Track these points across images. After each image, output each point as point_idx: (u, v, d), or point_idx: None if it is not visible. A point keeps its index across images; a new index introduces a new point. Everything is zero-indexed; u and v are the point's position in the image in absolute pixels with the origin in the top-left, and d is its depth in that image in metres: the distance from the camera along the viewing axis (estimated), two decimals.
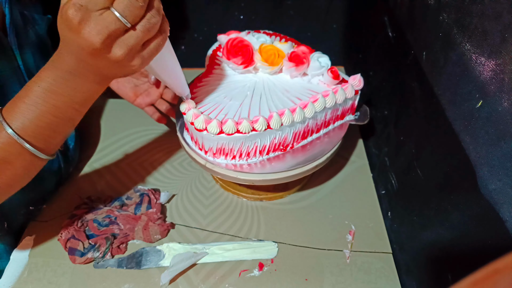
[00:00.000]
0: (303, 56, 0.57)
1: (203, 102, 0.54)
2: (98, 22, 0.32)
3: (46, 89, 0.37)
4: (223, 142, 0.49)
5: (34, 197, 0.59)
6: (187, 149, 0.55)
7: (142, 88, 0.67)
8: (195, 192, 0.64)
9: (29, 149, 0.39)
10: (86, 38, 0.32)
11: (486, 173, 0.34)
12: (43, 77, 0.37)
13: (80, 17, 0.32)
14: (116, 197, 0.61)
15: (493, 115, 0.33)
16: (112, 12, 0.32)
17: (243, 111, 0.53)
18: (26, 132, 0.38)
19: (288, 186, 0.62)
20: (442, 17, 0.42)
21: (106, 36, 0.33)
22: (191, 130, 0.52)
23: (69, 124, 0.41)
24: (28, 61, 0.53)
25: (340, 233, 0.58)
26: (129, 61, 0.36)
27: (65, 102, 0.39)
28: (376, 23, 0.66)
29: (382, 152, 0.63)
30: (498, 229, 0.32)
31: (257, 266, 0.54)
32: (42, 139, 0.40)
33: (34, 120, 0.38)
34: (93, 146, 0.72)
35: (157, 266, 0.54)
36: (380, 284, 0.52)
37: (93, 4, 0.31)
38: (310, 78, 0.58)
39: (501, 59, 0.32)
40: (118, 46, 0.34)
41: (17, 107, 0.38)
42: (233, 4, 0.82)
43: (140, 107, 0.68)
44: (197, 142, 0.53)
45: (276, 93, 0.56)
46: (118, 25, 0.33)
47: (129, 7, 0.32)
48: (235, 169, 0.52)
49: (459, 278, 0.18)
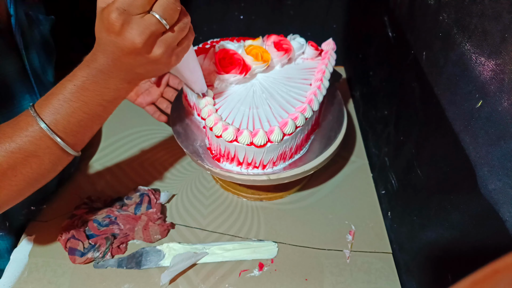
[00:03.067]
0: (283, 43, 0.58)
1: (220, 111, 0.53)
2: (140, 24, 0.35)
3: (79, 87, 0.39)
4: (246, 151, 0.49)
5: (36, 197, 0.59)
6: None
7: (143, 87, 0.68)
8: (195, 192, 0.64)
9: (59, 144, 0.41)
10: (128, 39, 0.35)
11: (486, 173, 0.34)
12: (78, 75, 0.39)
13: (123, 20, 0.34)
14: (116, 197, 0.61)
15: (493, 115, 0.33)
16: (152, 15, 0.35)
17: (260, 114, 0.52)
18: (57, 127, 0.40)
19: (288, 186, 0.62)
20: (442, 17, 0.43)
21: (148, 36, 0.35)
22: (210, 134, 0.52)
23: (97, 121, 0.43)
24: (33, 61, 0.53)
25: (340, 233, 0.58)
26: (167, 59, 0.39)
27: (96, 100, 0.41)
28: (376, 23, 0.66)
29: (382, 152, 0.63)
30: (498, 229, 0.32)
31: (257, 266, 0.54)
32: (72, 135, 0.41)
33: (66, 116, 0.40)
34: (94, 146, 0.72)
35: (157, 266, 0.54)
36: (380, 284, 0.52)
37: (135, 7, 0.34)
38: (295, 59, 0.61)
39: (501, 59, 0.32)
40: (158, 45, 0.37)
41: (50, 103, 0.39)
42: (233, 4, 0.82)
43: (141, 106, 0.68)
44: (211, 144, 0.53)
45: (282, 85, 0.56)
46: (159, 27, 0.36)
47: (168, 10, 0.35)
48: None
49: (459, 278, 0.18)
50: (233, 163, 0.52)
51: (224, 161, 0.52)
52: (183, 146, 0.56)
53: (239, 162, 0.51)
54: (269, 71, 0.59)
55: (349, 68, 0.87)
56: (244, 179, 0.52)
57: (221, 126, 0.47)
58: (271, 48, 0.58)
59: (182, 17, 0.38)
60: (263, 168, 0.52)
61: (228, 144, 0.48)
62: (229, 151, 0.50)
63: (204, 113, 0.50)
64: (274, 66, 0.60)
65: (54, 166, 0.43)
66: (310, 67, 0.60)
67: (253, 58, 0.56)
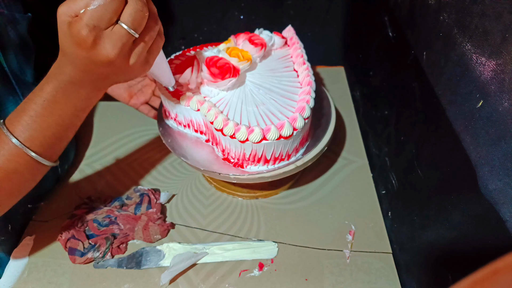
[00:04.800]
0: (255, 38, 0.59)
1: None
2: (111, 37, 0.34)
3: (50, 101, 0.39)
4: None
5: (32, 195, 0.59)
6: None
7: (136, 88, 0.68)
8: (195, 192, 0.64)
9: (37, 159, 0.41)
10: (102, 53, 0.35)
11: (486, 173, 0.34)
12: (46, 89, 0.39)
13: (94, 36, 0.34)
14: (116, 197, 0.61)
15: (493, 115, 0.33)
16: (121, 26, 0.34)
17: (270, 109, 0.53)
18: (34, 143, 0.40)
19: (282, 181, 0.62)
20: (442, 17, 0.42)
21: (120, 48, 0.35)
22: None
23: (72, 130, 0.44)
24: (11, 63, 0.52)
25: (340, 233, 0.58)
26: (140, 66, 0.39)
27: (69, 111, 0.41)
28: (376, 23, 0.66)
29: (382, 152, 0.63)
30: (498, 229, 0.32)
31: (257, 266, 0.54)
32: (49, 148, 0.42)
33: (41, 131, 0.40)
34: (94, 146, 0.72)
35: (157, 266, 0.54)
36: (380, 284, 0.52)
37: (104, 22, 0.33)
38: (268, 51, 0.63)
39: (502, 59, 0.32)
40: (130, 55, 0.37)
41: (23, 120, 0.39)
42: (233, 4, 0.82)
43: (135, 107, 0.69)
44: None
45: (270, 78, 0.57)
46: (128, 37, 0.35)
47: (136, 19, 0.35)
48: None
49: (459, 278, 0.18)
50: (259, 163, 0.52)
51: (249, 164, 0.52)
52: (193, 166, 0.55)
53: (267, 159, 0.51)
54: (252, 68, 0.59)
55: (349, 68, 0.87)
56: (275, 175, 0.52)
57: (245, 130, 0.47)
58: (246, 45, 0.59)
59: (152, 24, 0.37)
60: (288, 158, 0.53)
61: (255, 145, 0.48)
62: (255, 153, 0.50)
63: (219, 123, 0.49)
64: (254, 62, 0.60)
65: (34, 177, 0.45)
66: (285, 55, 0.63)
67: (238, 59, 0.56)
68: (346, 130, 0.75)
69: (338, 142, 0.72)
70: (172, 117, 0.59)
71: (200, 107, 0.52)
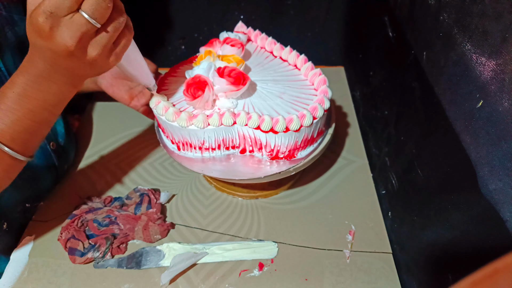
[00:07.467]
0: (230, 41, 0.60)
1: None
2: (69, 26, 0.33)
3: (21, 95, 0.38)
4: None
5: (31, 195, 0.60)
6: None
7: (137, 90, 0.68)
8: (195, 192, 0.64)
9: (8, 153, 0.40)
10: (60, 42, 0.34)
11: (486, 173, 0.34)
12: (16, 82, 0.38)
13: (51, 24, 0.33)
14: (116, 197, 0.61)
15: (493, 115, 0.33)
16: (81, 14, 0.33)
17: (293, 96, 0.55)
18: (4, 137, 0.39)
19: (282, 181, 0.62)
20: (442, 17, 0.42)
21: (79, 38, 0.34)
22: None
23: (45, 126, 0.43)
24: (8, 63, 0.52)
25: (340, 233, 0.58)
26: (104, 60, 0.38)
27: (40, 106, 0.40)
28: (376, 23, 0.66)
29: (382, 152, 0.63)
30: (498, 229, 0.32)
31: (257, 266, 0.54)
32: (20, 142, 0.41)
33: (11, 125, 0.39)
34: (94, 146, 0.72)
35: (157, 266, 0.54)
36: (380, 284, 0.52)
37: (62, 9, 0.32)
38: (246, 49, 0.63)
39: (502, 59, 0.32)
40: (92, 47, 0.36)
41: None
42: (233, 4, 0.82)
43: (136, 108, 0.69)
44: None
45: (267, 71, 0.59)
46: (89, 27, 0.34)
47: (97, 9, 0.33)
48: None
49: (459, 278, 0.18)
50: (304, 148, 0.54)
51: (299, 151, 0.54)
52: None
53: (297, 146, 0.52)
54: (246, 69, 0.59)
55: (349, 68, 0.87)
56: (305, 163, 0.54)
57: (288, 118, 0.48)
58: (227, 50, 0.59)
59: (116, 15, 0.36)
60: (314, 141, 0.55)
61: (284, 134, 0.49)
62: (296, 140, 0.51)
63: (254, 122, 0.49)
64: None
65: (7, 174, 0.43)
66: (256, 49, 0.65)
67: (236, 63, 0.55)
68: (346, 130, 0.75)
69: (338, 142, 0.72)
70: (187, 147, 0.56)
71: (248, 122, 0.49)
